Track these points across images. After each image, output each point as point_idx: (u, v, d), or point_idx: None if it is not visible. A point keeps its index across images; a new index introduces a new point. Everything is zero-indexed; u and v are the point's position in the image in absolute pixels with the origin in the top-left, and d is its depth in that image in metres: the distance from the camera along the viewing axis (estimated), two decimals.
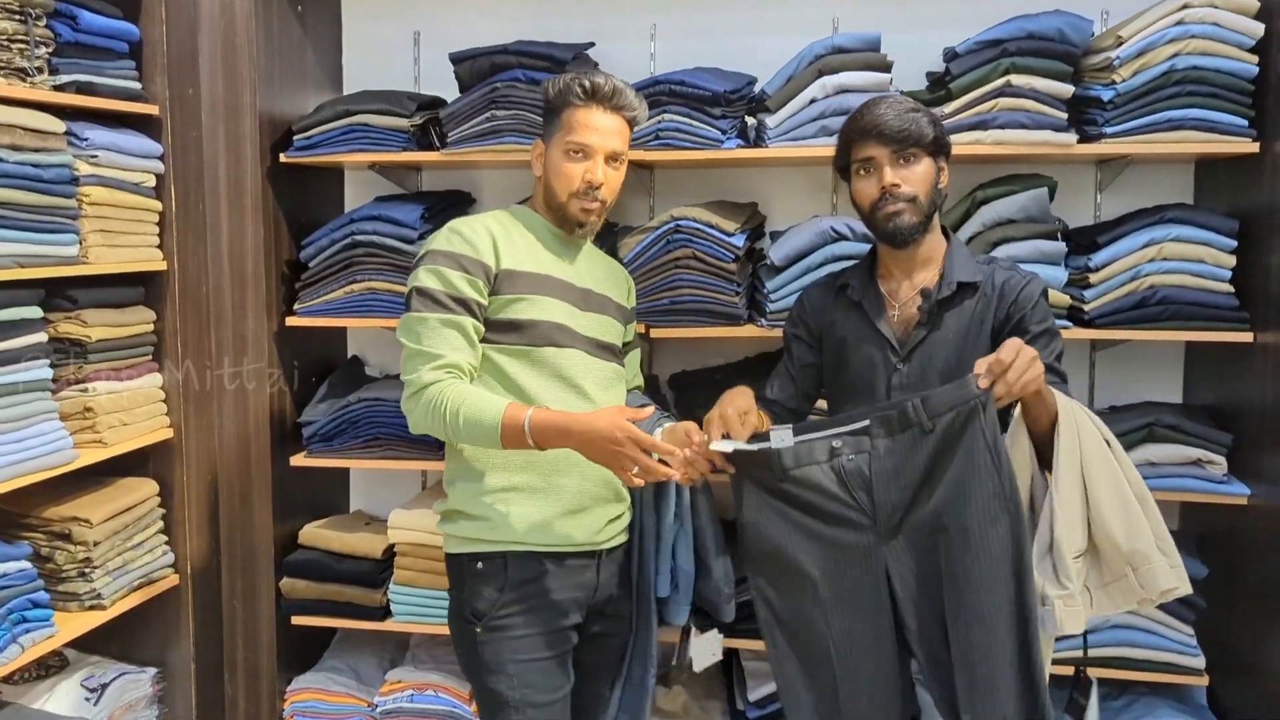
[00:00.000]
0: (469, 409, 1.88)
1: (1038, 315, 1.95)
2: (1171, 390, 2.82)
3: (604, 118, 2.05)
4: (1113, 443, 1.81)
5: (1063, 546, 1.75)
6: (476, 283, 1.98)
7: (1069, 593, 1.74)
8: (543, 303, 2.03)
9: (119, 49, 2.65)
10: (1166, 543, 1.79)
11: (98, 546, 2.59)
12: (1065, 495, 1.77)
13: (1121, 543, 1.76)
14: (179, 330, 2.81)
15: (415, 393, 1.95)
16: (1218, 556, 2.54)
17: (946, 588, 1.79)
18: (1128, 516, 1.76)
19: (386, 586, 2.83)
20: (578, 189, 2.04)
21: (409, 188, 3.10)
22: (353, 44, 3.14)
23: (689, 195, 2.91)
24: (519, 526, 2.00)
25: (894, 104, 1.96)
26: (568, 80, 2.04)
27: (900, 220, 1.94)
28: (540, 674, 2.01)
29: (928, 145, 1.94)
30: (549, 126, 2.09)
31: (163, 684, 2.91)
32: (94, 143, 2.52)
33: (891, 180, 1.94)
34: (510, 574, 2.01)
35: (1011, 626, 1.75)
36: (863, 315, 2.05)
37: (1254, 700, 2.41)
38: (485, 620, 2.01)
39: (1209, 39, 2.37)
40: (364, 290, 2.77)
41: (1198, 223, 2.46)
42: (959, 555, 1.77)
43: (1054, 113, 2.46)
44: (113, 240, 2.60)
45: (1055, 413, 1.78)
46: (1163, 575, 1.75)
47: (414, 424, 1.98)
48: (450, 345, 1.96)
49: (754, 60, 2.77)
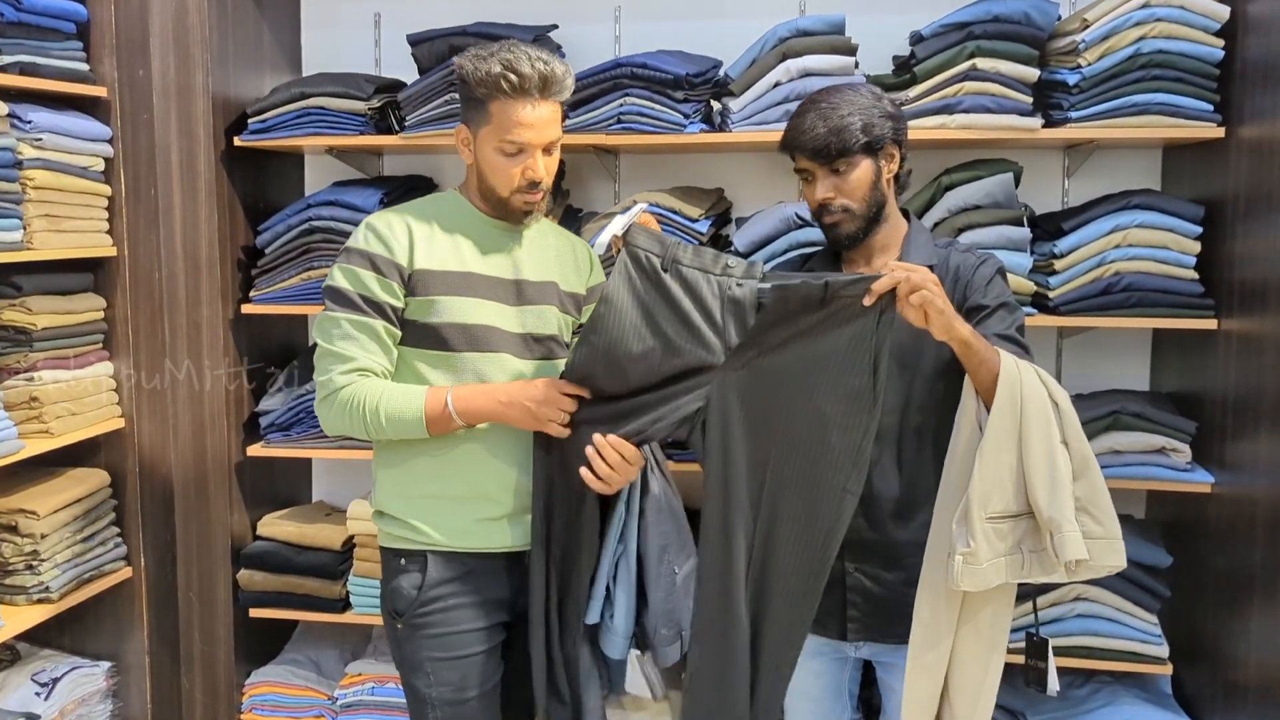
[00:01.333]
0: (388, 404, 1.87)
1: (994, 291, 1.94)
2: (1139, 377, 2.81)
3: (537, 110, 1.89)
4: (1061, 405, 1.80)
5: (974, 505, 1.76)
6: (390, 285, 1.91)
7: (971, 550, 1.75)
8: (460, 304, 1.94)
9: (65, 29, 2.59)
10: (1103, 511, 1.79)
11: (45, 539, 2.54)
12: (989, 455, 1.76)
13: (1043, 509, 1.76)
14: (130, 318, 2.76)
15: (328, 395, 1.92)
16: (1182, 545, 2.54)
17: (776, 451, 1.83)
18: (1053, 485, 1.76)
19: (346, 578, 2.79)
20: (519, 185, 1.94)
21: (370, 172, 3.05)
22: (312, 25, 3.08)
23: (655, 181, 2.87)
24: (438, 531, 1.97)
25: (825, 110, 1.91)
26: (492, 71, 1.86)
27: (839, 230, 1.96)
28: (457, 673, 1.98)
29: (859, 150, 1.90)
30: (473, 113, 1.93)
31: (117, 678, 2.86)
32: (38, 125, 2.46)
33: (823, 195, 1.93)
34: (430, 573, 1.97)
35: (836, 532, 1.82)
36: None
37: (1218, 688, 2.40)
38: (405, 617, 1.98)
39: (1175, 23, 2.35)
40: (321, 277, 2.72)
41: (1163, 209, 2.45)
42: (811, 436, 1.81)
43: (1019, 97, 2.43)
44: (59, 225, 2.54)
45: (995, 370, 1.78)
46: (1072, 545, 1.74)
47: (329, 426, 1.95)
48: (362, 348, 1.91)
49: (721, 43, 2.72)
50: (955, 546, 1.77)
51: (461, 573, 1.98)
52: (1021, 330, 1.94)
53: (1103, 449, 2.44)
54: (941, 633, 1.84)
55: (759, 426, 1.85)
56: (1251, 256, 2.28)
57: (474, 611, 1.99)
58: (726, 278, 1.83)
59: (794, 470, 1.84)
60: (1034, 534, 1.80)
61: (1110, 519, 1.80)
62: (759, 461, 1.85)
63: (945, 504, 1.83)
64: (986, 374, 1.79)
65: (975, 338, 1.78)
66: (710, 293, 1.83)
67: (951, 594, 1.82)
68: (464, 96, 1.95)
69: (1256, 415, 2.23)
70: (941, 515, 1.84)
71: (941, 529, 1.83)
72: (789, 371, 1.82)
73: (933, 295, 1.72)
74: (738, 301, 1.82)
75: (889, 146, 1.94)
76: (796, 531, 1.84)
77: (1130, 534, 2.48)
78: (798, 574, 1.85)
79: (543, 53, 1.90)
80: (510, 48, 1.89)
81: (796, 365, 1.82)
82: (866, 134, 1.89)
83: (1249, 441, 2.27)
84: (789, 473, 1.84)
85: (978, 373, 1.81)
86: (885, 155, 1.94)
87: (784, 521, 1.85)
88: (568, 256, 2.12)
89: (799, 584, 1.85)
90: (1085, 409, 2.47)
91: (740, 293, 1.82)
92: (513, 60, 1.86)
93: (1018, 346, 1.90)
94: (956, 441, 1.84)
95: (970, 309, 1.92)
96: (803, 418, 1.82)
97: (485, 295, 1.96)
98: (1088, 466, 1.79)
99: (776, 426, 1.84)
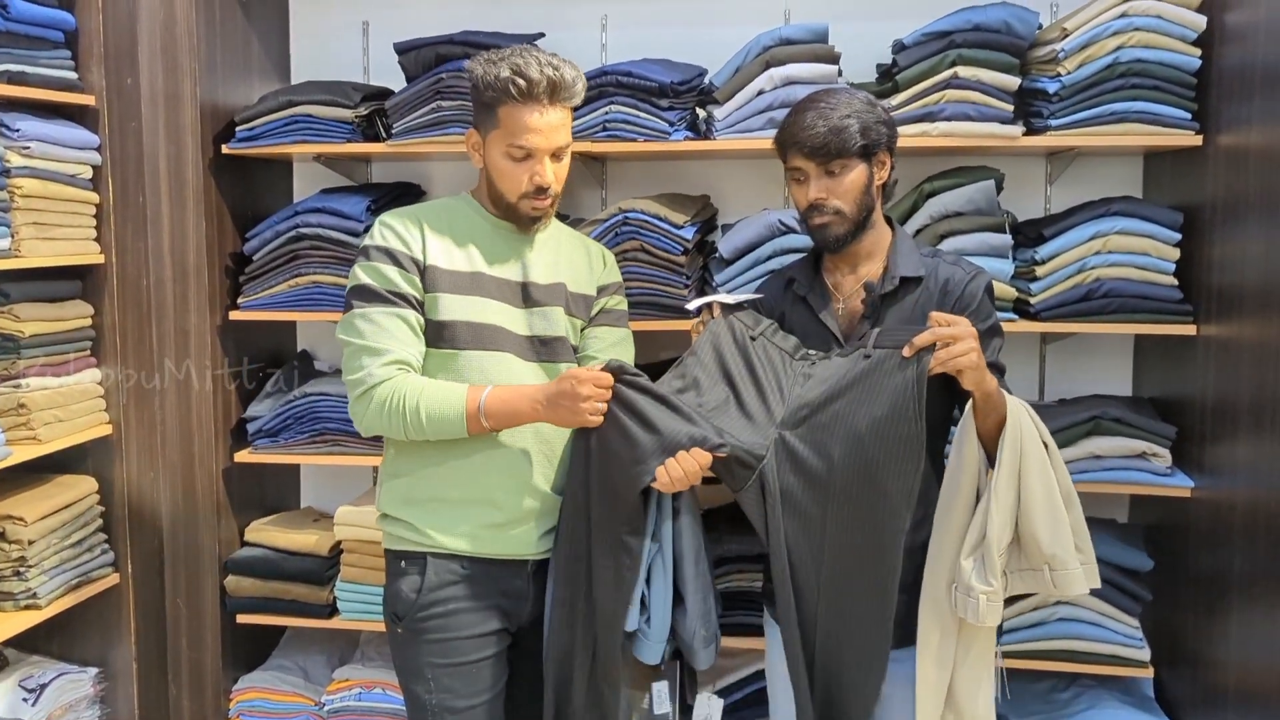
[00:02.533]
0: (429, 403, 1.86)
1: (982, 313, 1.95)
2: (1121, 382, 2.83)
3: (545, 115, 1.91)
4: (1050, 445, 1.84)
5: (993, 545, 1.79)
6: (412, 278, 1.94)
7: (993, 589, 1.79)
8: (467, 302, 1.96)
9: (54, 38, 2.60)
10: (1084, 539, 1.85)
11: (33, 545, 2.55)
12: (1002, 495, 1.80)
13: (1044, 545, 1.81)
14: (118, 324, 2.76)
15: (365, 392, 1.89)
16: (1163, 548, 2.56)
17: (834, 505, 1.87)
18: (1054, 522, 1.81)
19: (334, 584, 2.80)
20: (526, 190, 1.96)
21: (358, 179, 3.06)
22: (300, 34, 3.10)
23: (642, 187, 2.88)
24: (442, 533, 1.97)
25: (825, 109, 1.92)
26: (501, 75, 1.89)
27: (828, 231, 1.96)
28: (459, 679, 1.96)
29: (856, 152, 1.91)
30: (483, 117, 1.97)
31: (104, 684, 2.86)
32: (26, 134, 2.47)
33: (816, 195, 1.93)
34: (429, 577, 1.96)
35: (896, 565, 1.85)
36: (809, 309, 2.04)
37: (1199, 690, 2.42)
38: (405, 621, 1.97)
39: (1152, 32, 2.37)
40: (309, 283, 2.74)
41: (1143, 215, 2.47)
42: (865, 480, 1.85)
43: (1000, 104, 2.45)
44: (47, 233, 2.55)
45: (1004, 416, 1.80)
46: (1076, 582, 1.82)
47: (365, 426, 1.93)
48: (397, 339, 1.91)
49: (706, 50, 2.74)
50: (973, 586, 1.80)
51: (462, 577, 1.98)
52: (1000, 353, 1.97)
53: (1084, 453, 2.46)
54: (946, 656, 1.89)
55: (816, 482, 1.89)
56: (1229, 263, 2.30)
57: (475, 617, 1.98)
58: (803, 361, 1.96)
59: (852, 520, 1.87)
60: (1017, 556, 1.86)
61: (1089, 546, 1.86)
62: (818, 516, 1.89)
63: (944, 542, 1.87)
64: (996, 420, 1.82)
65: (997, 390, 1.81)
66: (783, 370, 1.96)
67: (955, 620, 1.87)
68: (474, 101, 1.98)
69: (1235, 420, 2.25)
70: (944, 547, 1.87)
71: (942, 559, 1.86)
72: (840, 426, 1.87)
73: (972, 354, 1.75)
74: (806, 376, 1.94)
75: (881, 153, 1.96)
76: (862, 580, 1.88)
77: (1112, 537, 2.53)
78: (868, 615, 1.89)
79: (554, 58, 1.92)
80: (521, 52, 1.91)
81: (847, 419, 1.86)
82: (864, 136, 1.91)
83: (1228, 446, 2.29)
84: (847, 523, 1.87)
85: (988, 418, 1.83)
86: (878, 161, 1.96)
87: (848, 572, 1.88)
88: (580, 258, 2.14)
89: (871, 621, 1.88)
90: (1067, 414, 2.50)
91: (807, 367, 1.95)
92: (522, 65, 1.88)
93: (999, 373, 1.93)
94: (957, 481, 1.86)
95: None
96: (857, 469, 1.86)
97: (492, 295, 1.98)
98: (1072, 500, 1.85)
99: (833, 481, 1.87)
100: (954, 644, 1.89)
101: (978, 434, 1.85)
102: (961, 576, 1.82)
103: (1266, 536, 2.08)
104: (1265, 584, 2.09)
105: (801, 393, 1.92)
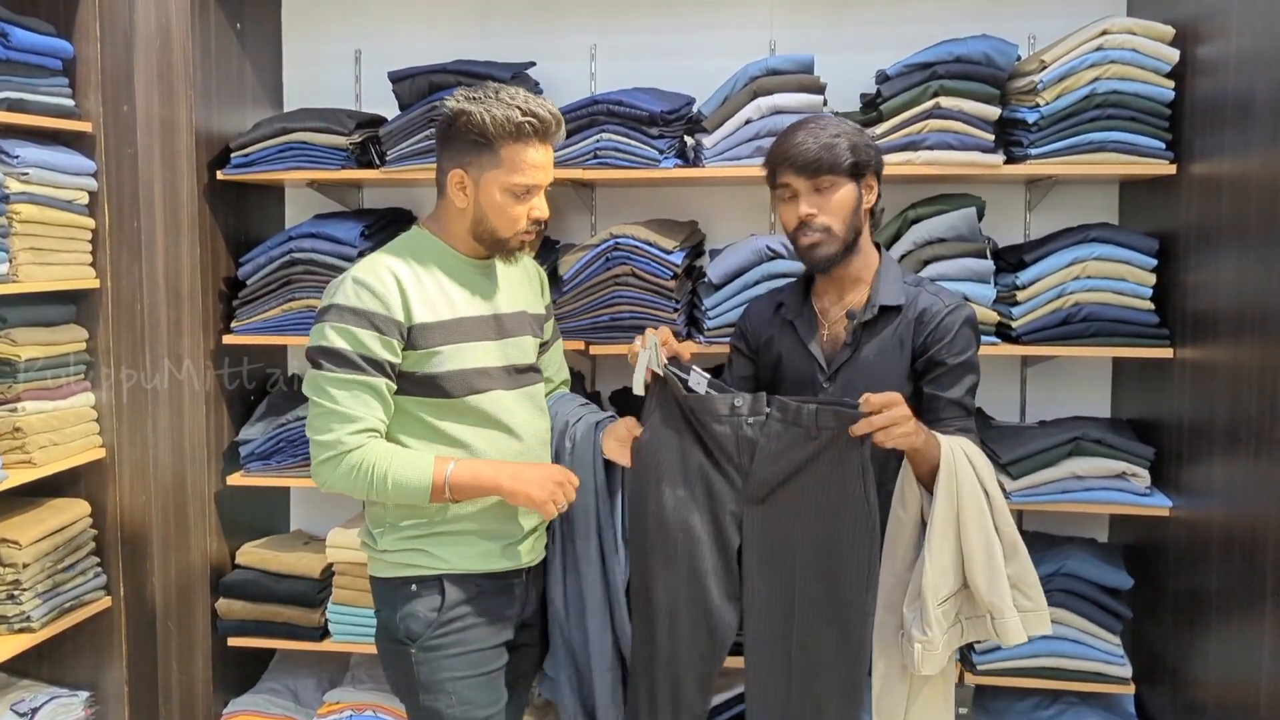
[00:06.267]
0: (397, 472, 1.89)
1: (956, 347, 1.98)
2: (1100, 404, 2.89)
3: (546, 153, 1.97)
4: (991, 493, 1.89)
5: (927, 596, 1.85)
6: (391, 343, 1.90)
7: (929, 639, 1.85)
8: (461, 350, 1.97)
9: (52, 65, 2.63)
10: (1030, 587, 1.91)
11: (27, 569, 2.55)
12: (937, 547, 1.85)
13: (983, 594, 1.87)
14: (112, 349, 2.78)
15: (334, 456, 1.90)
16: (1143, 567, 2.61)
17: (801, 581, 1.93)
18: (991, 571, 1.87)
19: (325, 606, 2.81)
20: (522, 227, 1.98)
21: (350, 205, 3.10)
22: (293, 62, 3.14)
23: (630, 214, 2.93)
24: (453, 558, 2.00)
25: (815, 130, 1.97)
26: (513, 117, 1.89)
27: (816, 251, 1.99)
28: (479, 690, 2.01)
29: (846, 170, 1.95)
30: (474, 156, 1.94)
31: (95, 707, 2.86)
32: (25, 160, 2.50)
33: (806, 211, 1.97)
34: (448, 596, 1.99)
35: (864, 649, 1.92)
36: (795, 334, 2.09)
37: (1180, 707, 2.46)
38: (420, 641, 1.99)
39: (1128, 64, 2.44)
40: (302, 308, 2.77)
41: (1119, 241, 2.53)
42: (824, 563, 1.91)
43: (981, 134, 2.52)
44: (43, 258, 2.57)
45: (937, 465, 1.85)
46: (1014, 632, 1.87)
47: (328, 485, 1.93)
48: (366, 407, 1.90)
49: (694, 81, 2.80)
50: (911, 633, 1.87)
51: (476, 593, 2.02)
52: (973, 390, 2.01)
53: (1066, 474, 2.51)
54: (897, 707, 1.95)
55: (781, 556, 1.96)
56: (1204, 288, 2.36)
57: (490, 629, 2.03)
58: (736, 418, 1.96)
59: (817, 595, 1.94)
60: (969, 603, 1.91)
61: (1037, 593, 1.92)
62: (786, 590, 1.96)
63: (889, 585, 1.93)
64: (929, 467, 1.87)
65: (926, 444, 1.85)
66: (725, 435, 1.97)
67: (904, 670, 1.93)
68: (460, 140, 1.94)
69: (1211, 441, 2.31)
70: (890, 591, 1.93)
71: (889, 606, 1.93)
72: (800, 502, 1.94)
73: (908, 432, 1.79)
74: (751, 440, 1.96)
75: (870, 176, 2.00)
76: (830, 651, 1.94)
77: (1093, 556, 2.58)
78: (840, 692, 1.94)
79: (535, 97, 1.96)
80: (514, 93, 1.94)
81: (804, 494, 1.93)
82: (854, 155, 1.95)
83: (1204, 466, 2.34)
84: (813, 598, 1.94)
85: (920, 467, 1.89)
86: (866, 184, 2.00)
87: (817, 642, 1.94)
88: (524, 278, 2.18)
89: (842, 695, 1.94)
90: (1048, 435, 2.55)
91: (751, 432, 1.96)
92: (528, 105, 1.91)
93: (964, 411, 1.98)
94: (900, 525, 1.92)
95: (930, 361, 1.98)
96: (817, 543, 1.93)
97: (476, 338, 2.00)
98: (1016, 550, 1.91)
99: (799, 555, 1.94)
100: (906, 685, 1.94)
101: (919, 479, 1.90)
102: (905, 624, 1.89)
103: (1243, 554, 2.14)
104: (1242, 601, 2.13)
105: (756, 469, 1.95)
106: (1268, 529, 2.03)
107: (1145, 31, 2.45)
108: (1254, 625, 2.07)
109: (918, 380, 2.01)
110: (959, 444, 1.88)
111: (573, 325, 2.64)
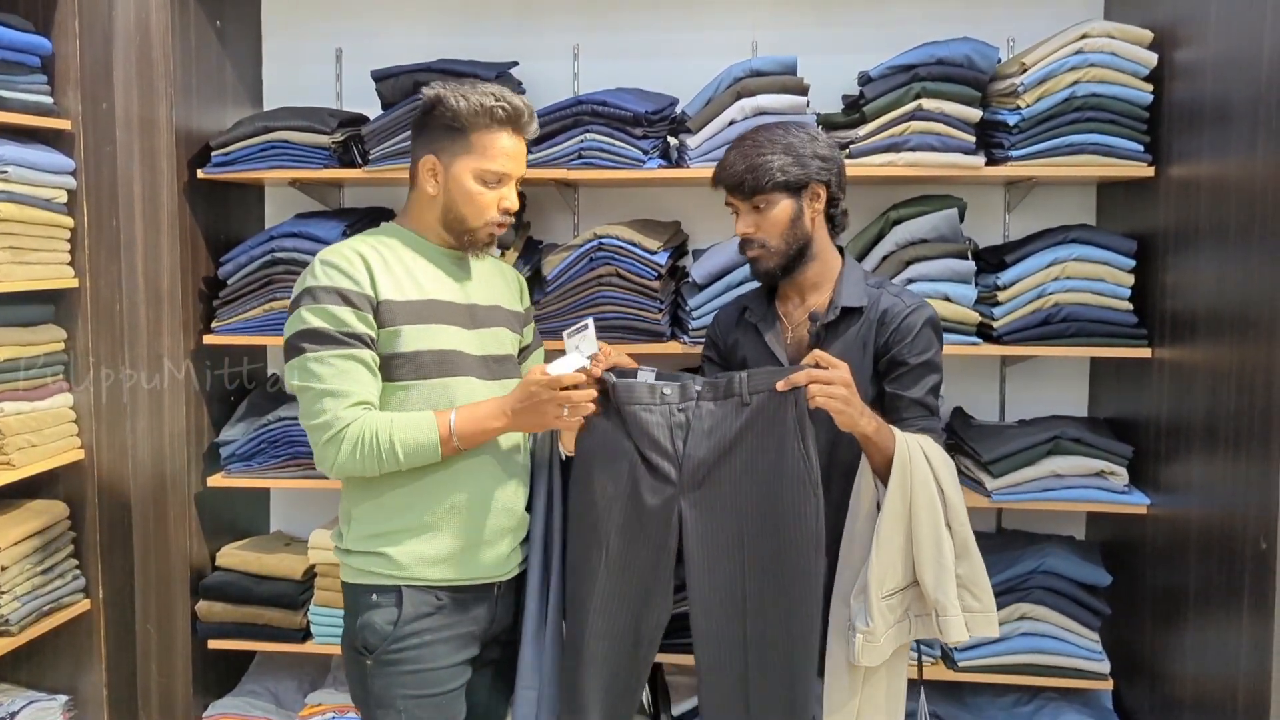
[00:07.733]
0: (401, 434, 1.85)
1: (917, 347, 1.99)
2: (1078, 403, 2.92)
3: (518, 143, 1.97)
4: (946, 491, 1.91)
5: (872, 587, 1.86)
6: (365, 316, 1.88)
7: (870, 630, 1.86)
8: (431, 331, 1.94)
9: (30, 63, 2.60)
10: (980, 589, 1.93)
11: (5, 572, 2.53)
12: (885, 539, 1.87)
13: (929, 590, 1.89)
14: (91, 349, 2.76)
15: (334, 436, 1.85)
16: (1121, 564, 2.64)
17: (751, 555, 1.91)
18: (939, 569, 1.89)
19: (307, 608, 2.80)
20: (494, 216, 1.97)
21: (331, 204, 3.08)
22: (273, 60, 3.12)
23: (613, 214, 2.94)
24: (414, 563, 1.93)
25: (748, 149, 1.98)
26: (485, 102, 1.91)
27: (757, 265, 2.04)
28: (431, 710, 1.94)
29: (776, 188, 1.97)
30: (447, 142, 1.94)
31: (74, 711, 2.83)
32: (3, 158, 2.47)
33: (743, 229, 2.02)
34: (405, 610, 1.93)
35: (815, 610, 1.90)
36: (759, 337, 2.10)
37: (1157, 702, 2.49)
38: (376, 654, 1.93)
39: (1107, 68, 2.47)
40: (284, 309, 2.74)
41: (1098, 243, 2.57)
42: (770, 528, 1.90)
43: (963, 136, 2.54)
44: (22, 257, 2.55)
45: (890, 458, 1.87)
46: (955, 630, 1.89)
47: (337, 469, 1.89)
48: (357, 382, 1.87)
49: (676, 81, 2.80)
50: (854, 624, 1.88)
51: (437, 608, 1.95)
52: (936, 390, 2.02)
53: (1045, 472, 2.54)
54: (846, 697, 1.95)
55: (725, 535, 1.93)
56: (1181, 288, 2.40)
57: (449, 647, 1.96)
58: (665, 405, 1.94)
59: (766, 563, 1.92)
60: (918, 600, 1.93)
61: (987, 595, 1.94)
62: (735, 573, 1.94)
63: (845, 577, 1.94)
64: (883, 459, 1.88)
65: (877, 432, 1.86)
66: (657, 424, 1.94)
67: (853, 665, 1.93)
68: (434, 126, 1.95)
69: (1188, 439, 2.34)
70: (842, 587, 1.94)
71: (841, 601, 1.94)
72: (739, 473, 1.92)
73: (838, 398, 1.80)
74: (684, 425, 1.94)
75: (814, 186, 2.00)
76: (780, 623, 1.92)
77: (1072, 554, 2.61)
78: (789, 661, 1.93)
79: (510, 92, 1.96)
80: (488, 86, 1.95)
81: (743, 465, 1.92)
82: (784, 174, 1.96)
83: (1182, 464, 2.38)
84: (763, 567, 1.92)
85: (874, 458, 1.90)
86: (809, 195, 2.00)
87: (769, 614, 1.92)
88: (501, 280, 2.15)
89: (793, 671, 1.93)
90: (1028, 434, 2.58)
91: (682, 417, 1.94)
92: (501, 93, 1.93)
93: (927, 410, 1.99)
94: (855, 516, 1.94)
95: (892, 361, 1.99)
96: (761, 514, 1.91)
97: (446, 320, 1.97)
98: (968, 549, 1.93)
99: (745, 526, 1.92)
100: (859, 678, 1.94)
101: (875, 473, 1.92)
102: (850, 615, 1.90)
103: (1219, 551, 2.17)
104: (1219, 598, 2.17)
105: (690, 450, 1.93)
106: (1244, 526, 2.06)
107: (1124, 35, 2.48)
108: (1230, 621, 2.11)
109: (881, 380, 2.03)
110: (917, 440, 1.90)
111: (557, 326, 2.64)
